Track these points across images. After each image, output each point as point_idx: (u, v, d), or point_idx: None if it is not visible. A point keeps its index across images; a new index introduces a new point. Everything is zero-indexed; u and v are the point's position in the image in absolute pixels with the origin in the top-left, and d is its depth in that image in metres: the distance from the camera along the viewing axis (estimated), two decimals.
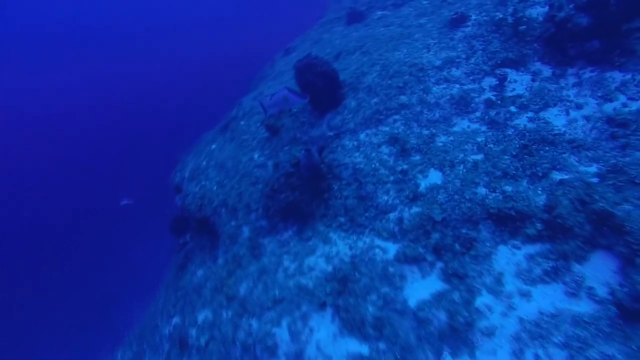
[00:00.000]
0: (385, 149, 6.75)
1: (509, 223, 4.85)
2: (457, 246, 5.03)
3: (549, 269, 4.30)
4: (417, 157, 6.38)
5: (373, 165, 6.59)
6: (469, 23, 7.86)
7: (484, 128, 6.38)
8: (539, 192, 4.91)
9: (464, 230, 5.11)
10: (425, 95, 7.12)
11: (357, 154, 6.94)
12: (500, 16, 7.38)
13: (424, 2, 10.90)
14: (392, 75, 7.67)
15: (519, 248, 4.62)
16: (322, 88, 7.39)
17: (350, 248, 5.95)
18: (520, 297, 4.29)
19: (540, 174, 5.07)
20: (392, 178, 6.28)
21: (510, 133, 5.95)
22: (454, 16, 7.89)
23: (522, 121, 6.00)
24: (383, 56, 8.42)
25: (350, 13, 13.11)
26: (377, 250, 5.71)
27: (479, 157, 5.78)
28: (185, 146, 10.86)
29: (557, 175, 4.97)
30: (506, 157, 5.56)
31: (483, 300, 4.47)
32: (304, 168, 6.29)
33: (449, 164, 5.86)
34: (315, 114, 7.92)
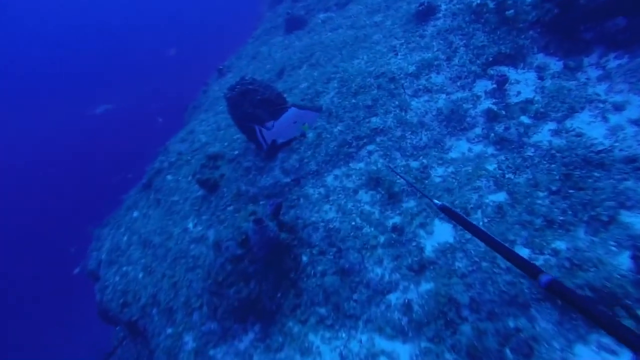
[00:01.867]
0: (364, 196, 5.00)
1: None
2: (506, 352, 3.31)
3: None
4: (412, 204, 4.68)
5: (353, 222, 4.80)
6: (440, 15, 6.35)
7: (491, 150, 4.80)
8: (613, 248, 3.32)
9: (510, 323, 3.41)
10: (403, 114, 5.47)
11: (327, 207, 5.13)
12: (478, 2, 5.92)
13: None
14: (355, 92, 5.95)
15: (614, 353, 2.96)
16: (267, 121, 5.51)
17: (342, 358, 4.08)
18: None
19: (604, 218, 3.49)
20: (382, 239, 4.53)
21: (532, 154, 4.41)
22: (420, 8, 6.35)
23: (544, 136, 4.48)
24: (339, 67, 6.71)
25: (288, 19, 11.44)
26: (382, 359, 3.89)
27: (501, 196, 4.16)
28: (99, 214, 8.49)
29: (630, 218, 3.41)
30: (541, 193, 3.97)
31: None
32: (257, 246, 4.37)
33: (461, 211, 4.18)
34: (263, 155, 6.02)
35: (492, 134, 4.87)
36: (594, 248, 3.37)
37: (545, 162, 4.26)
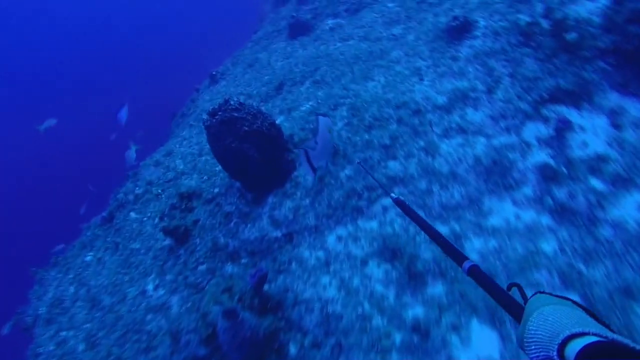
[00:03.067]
0: (376, 270, 3.84)
1: None
2: None
3: None
4: (439, 289, 3.53)
5: (359, 309, 3.65)
6: (477, 33, 5.20)
7: (547, 220, 3.66)
8: None
9: None
10: (430, 160, 4.32)
11: (326, 279, 3.97)
12: (528, 20, 4.79)
13: (390, 5, 8.26)
14: (369, 125, 4.80)
15: None
16: (255, 159, 4.36)
17: None
18: None
19: None
20: (398, 339, 3.39)
21: (610, 237, 3.26)
22: (454, 24, 5.21)
23: (629, 212, 3.32)
24: (349, 90, 5.56)
25: (292, 24, 10.31)
26: None
27: (574, 298, 2.96)
28: (48, 251, 7.12)
29: None
30: (636, 305, 2.81)
31: None
32: (228, 346, 3.19)
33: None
34: (249, 197, 4.86)
35: (549, 199, 3.71)
36: None
37: (632, 251, 3.11)
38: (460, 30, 5.28)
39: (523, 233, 3.65)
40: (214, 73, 10.84)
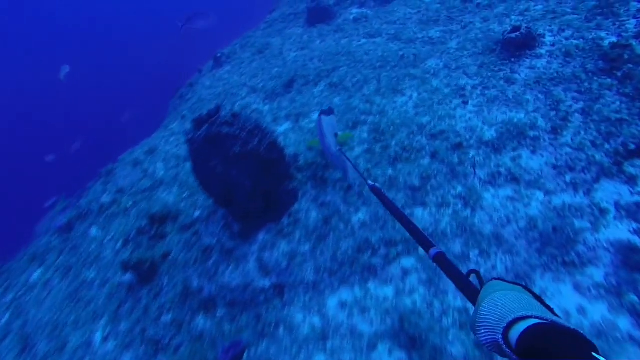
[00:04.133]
0: (386, 359, 2.97)
1: None
2: None
3: None
4: None
5: None
6: (542, 51, 4.19)
7: (626, 324, 2.75)
8: None
9: None
10: (469, 214, 3.39)
11: (321, 358, 3.10)
12: (613, 40, 3.78)
13: (428, 0, 7.17)
14: (396, 156, 3.86)
15: None
16: (246, 189, 3.44)
17: None
18: None
19: None
20: None
21: None
22: (514, 36, 4.19)
23: None
24: (373, 103, 4.59)
25: (312, 8, 9.22)
26: None
27: None
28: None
29: None
30: None
31: None
32: None
33: None
34: (236, 229, 3.95)
35: (633, 295, 2.78)
36: None
37: None
38: (519, 44, 4.25)
39: (591, 336, 2.73)
40: (218, 55, 9.80)
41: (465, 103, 4.16)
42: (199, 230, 4.05)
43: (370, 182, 2.07)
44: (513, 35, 4.22)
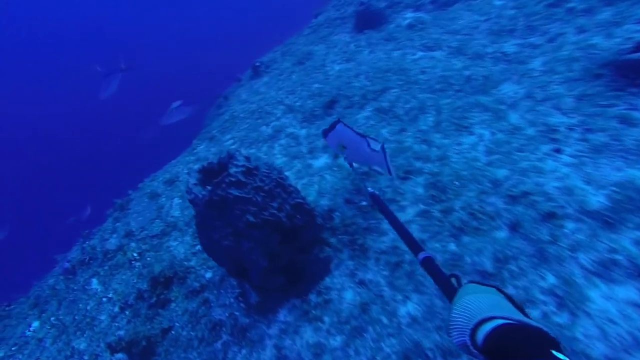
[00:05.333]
0: None
1: None
2: None
3: None
4: None
5: None
6: None
7: None
8: None
9: None
10: (569, 324, 2.41)
11: None
12: None
13: (499, 3, 6.04)
14: (461, 226, 2.97)
15: None
16: (261, 268, 2.71)
17: None
18: None
19: None
20: None
21: None
22: (635, 56, 3.10)
23: None
24: (431, 143, 3.71)
25: (360, 12, 8.36)
26: None
27: None
28: None
29: None
30: None
31: None
32: None
33: None
34: (253, 301, 3.25)
35: None
36: None
37: None
38: None
39: None
40: (257, 64, 9.22)
41: (559, 151, 3.15)
42: (208, 299, 3.40)
43: (369, 189, 1.94)
44: (636, 55, 3.13)
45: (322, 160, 4.51)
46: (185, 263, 3.77)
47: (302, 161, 4.66)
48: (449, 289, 1.13)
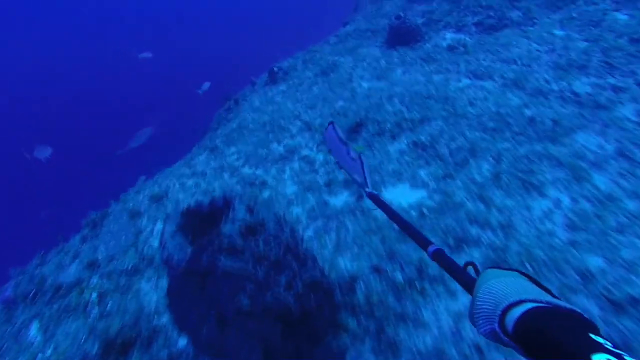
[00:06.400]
0: None
1: None
2: None
3: None
4: None
5: None
6: None
7: None
8: None
9: None
10: None
11: None
12: None
13: (560, 32, 5.27)
14: None
15: None
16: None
17: None
18: None
19: None
20: None
21: None
22: None
23: None
24: (490, 205, 2.89)
25: (395, 27, 7.64)
26: None
27: None
28: None
29: None
30: None
31: None
32: None
33: None
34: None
35: None
36: None
37: None
38: None
39: None
40: (275, 69, 8.49)
41: None
42: None
43: (367, 189, 1.92)
44: None
45: (341, 199, 3.71)
46: (155, 319, 2.95)
47: (317, 195, 3.86)
48: (466, 279, 0.99)
